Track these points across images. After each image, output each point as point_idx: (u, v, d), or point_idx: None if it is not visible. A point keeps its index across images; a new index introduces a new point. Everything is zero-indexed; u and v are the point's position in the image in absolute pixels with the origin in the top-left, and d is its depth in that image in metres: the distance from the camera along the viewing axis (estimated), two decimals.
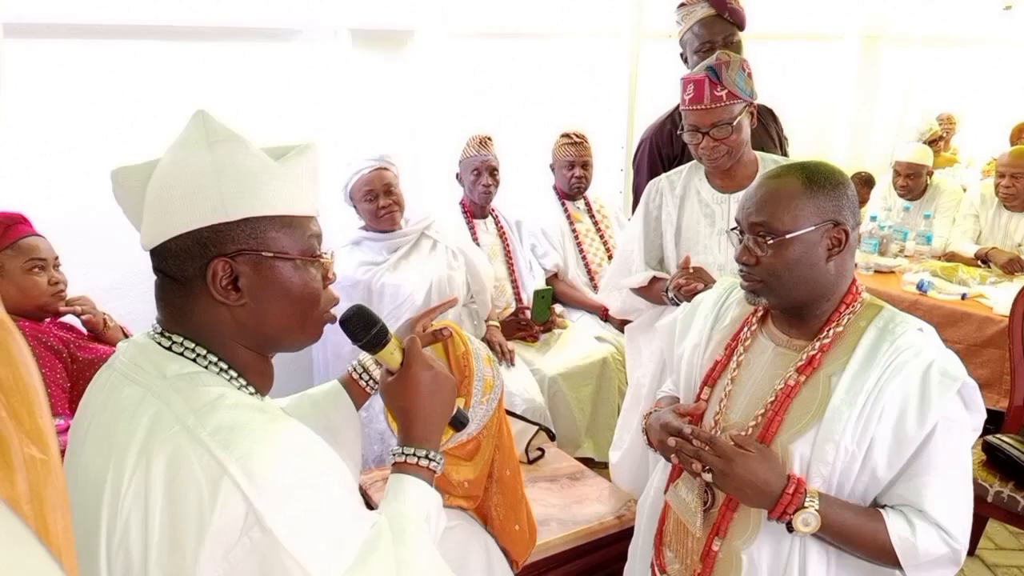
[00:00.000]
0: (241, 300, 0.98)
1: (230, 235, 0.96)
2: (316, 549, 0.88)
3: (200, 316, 0.98)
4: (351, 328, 1.14)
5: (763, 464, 1.27)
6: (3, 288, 1.91)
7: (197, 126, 0.97)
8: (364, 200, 2.74)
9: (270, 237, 0.98)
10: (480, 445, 1.48)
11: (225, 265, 0.96)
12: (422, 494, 1.08)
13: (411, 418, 1.13)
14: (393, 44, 3.15)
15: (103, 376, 1.02)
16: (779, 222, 1.31)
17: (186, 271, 0.97)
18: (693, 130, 2.09)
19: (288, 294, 1.01)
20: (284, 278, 1.00)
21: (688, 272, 2.06)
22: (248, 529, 0.85)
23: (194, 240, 0.95)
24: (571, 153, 3.41)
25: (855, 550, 1.29)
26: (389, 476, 1.10)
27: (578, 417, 3.01)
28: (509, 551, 1.54)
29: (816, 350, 1.34)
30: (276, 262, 0.99)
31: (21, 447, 0.51)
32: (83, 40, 2.45)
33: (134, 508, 0.88)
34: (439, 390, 1.14)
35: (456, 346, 1.42)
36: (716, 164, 2.12)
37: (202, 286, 0.96)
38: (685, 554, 1.46)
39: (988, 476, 2.37)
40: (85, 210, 2.42)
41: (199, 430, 0.88)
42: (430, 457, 1.11)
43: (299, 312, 1.03)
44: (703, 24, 2.55)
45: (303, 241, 1.01)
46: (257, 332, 1.01)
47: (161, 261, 0.99)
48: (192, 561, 0.85)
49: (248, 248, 0.97)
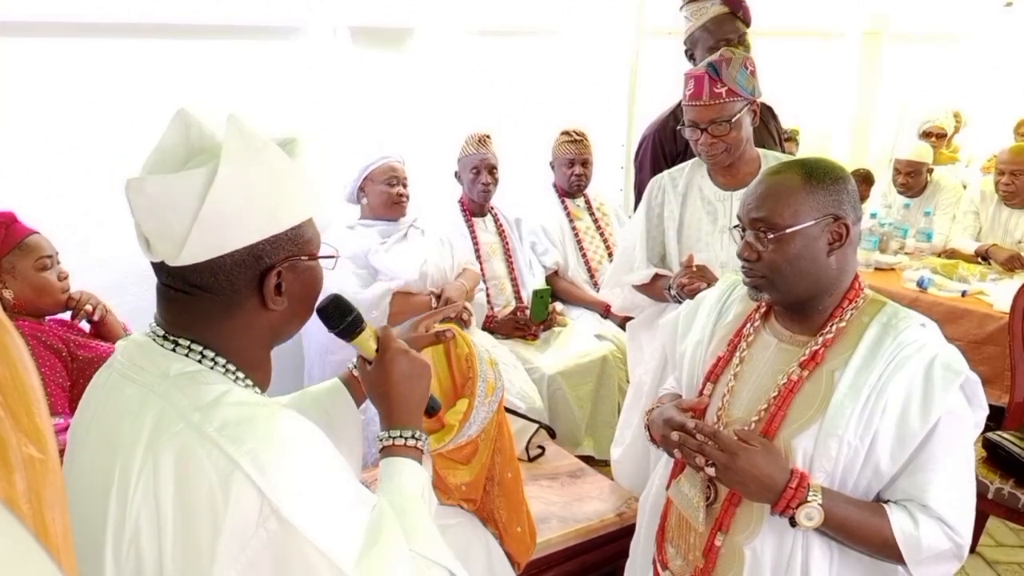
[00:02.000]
0: (282, 304, 1.00)
1: (281, 244, 0.98)
2: (333, 534, 0.90)
3: (234, 324, 0.99)
4: (327, 315, 1.17)
5: (766, 458, 1.27)
6: (17, 288, 1.92)
7: (234, 135, 0.93)
8: (384, 183, 2.78)
9: (306, 240, 1.02)
10: (478, 448, 1.48)
11: (277, 274, 0.98)
12: (413, 472, 1.11)
13: (391, 401, 1.15)
14: (393, 42, 3.15)
15: (103, 376, 1.02)
16: (779, 217, 1.32)
17: (236, 284, 0.97)
18: (692, 126, 2.09)
19: (314, 291, 1.07)
20: (315, 277, 1.06)
21: (691, 271, 2.06)
22: (264, 521, 0.86)
23: (250, 253, 0.96)
24: (571, 151, 3.41)
25: (858, 545, 1.29)
26: (380, 462, 1.12)
27: (578, 415, 3.01)
28: (511, 553, 1.54)
29: (819, 345, 1.34)
30: (310, 263, 1.04)
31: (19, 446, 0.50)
32: (81, 38, 2.45)
33: (144, 507, 0.88)
34: (415, 373, 1.17)
35: (459, 348, 1.42)
36: (715, 161, 2.12)
37: (248, 295, 0.98)
38: (687, 549, 1.46)
39: (989, 473, 2.37)
40: (84, 209, 2.42)
41: (206, 426, 0.89)
42: (416, 436, 1.13)
43: (312, 305, 1.09)
44: (716, 22, 2.53)
45: (319, 239, 1.06)
46: (282, 331, 1.05)
47: (198, 276, 0.95)
48: (209, 557, 0.85)
49: (293, 254, 1.00)
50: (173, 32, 2.60)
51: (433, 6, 3.16)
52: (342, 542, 0.90)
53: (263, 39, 2.82)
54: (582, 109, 3.66)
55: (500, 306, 3.21)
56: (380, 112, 3.08)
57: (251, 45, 2.79)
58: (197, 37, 2.65)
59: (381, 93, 3.10)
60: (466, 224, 3.22)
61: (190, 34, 2.63)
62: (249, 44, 2.78)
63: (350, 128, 3.00)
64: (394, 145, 2.87)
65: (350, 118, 3.01)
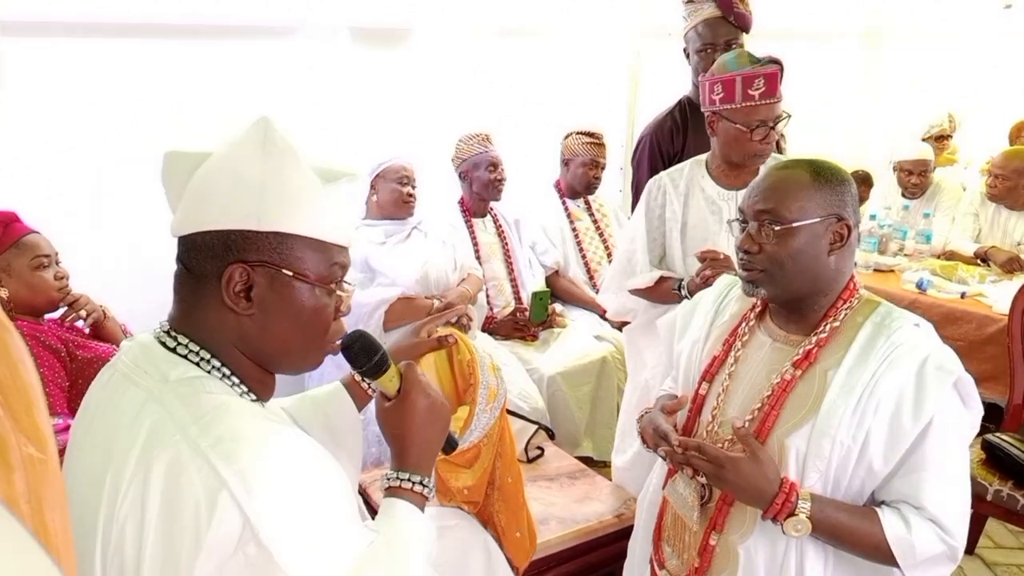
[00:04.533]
0: (250, 310, 0.97)
1: (256, 244, 0.96)
2: (310, 566, 0.88)
3: (206, 316, 0.98)
4: (353, 354, 1.12)
5: (755, 468, 1.27)
6: (12, 287, 1.93)
7: (258, 131, 0.98)
8: (397, 181, 2.81)
9: (295, 256, 0.98)
10: (480, 452, 1.48)
11: (243, 272, 0.96)
12: (414, 518, 1.08)
13: (406, 445, 1.11)
14: (392, 42, 3.14)
15: (105, 376, 1.02)
16: (786, 210, 1.32)
17: (204, 268, 0.97)
18: (762, 124, 2.04)
19: (297, 316, 1.00)
20: (296, 299, 0.99)
21: (716, 262, 2.02)
22: (244, 544, 0.85)
23: (221, 239, 0.95)
24: (593, 152, 3.42)
25: (851, 550, 1.29)
26: (382, 499, 1.10)
27: (577, 416, 3.01)
28: (511, 558, 1.54)
29: (813, 344, 1.35)
30: (294, 282, 0.98)
31: (19, 446, 0.50)
32: (81, 39, 2.45)
33: (130, 515, 0.87)
34: (435, 419, 1.13)
35: (461, 353, 1.41)
36: (762, 161, 2.11)
37: (215, 286, 0.96)
38: (683, 549, 1.46)
39: (987, 475, 2.37)
40: (84, 209, 2.41)
41: (201, 440, 0.88)
42: (423, 483, 1.10)
43: (303, 336, 1.02)
44: (707, 25, 2.53)
45: (326, 268, 1.01)
46: (258, 345, 1.01)
47: (185, 252, 0.99)
48: (186, 573, 0.84)
49: (270, 261, 0.97)
50: (173, 32, 2.60)
51: (433, 6, 3.16)
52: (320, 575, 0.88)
53: (262, 39, 2.83)
54: (582, 110, 3.66)
55: (499, 307, 3.21)
56: (380, 112, 3.08)
57: (251, 45, 2.79)
58: (197, 37, 2.65)
59: (381, 93, 3.10)
60: (466, 225, 3.22)
61: (190, 34, 2.63)
62: (249, 44, 2.79)
63: (350, 128, 3.00)
64: (403, 146, 2.89)
65: (350, 118, 3.01)
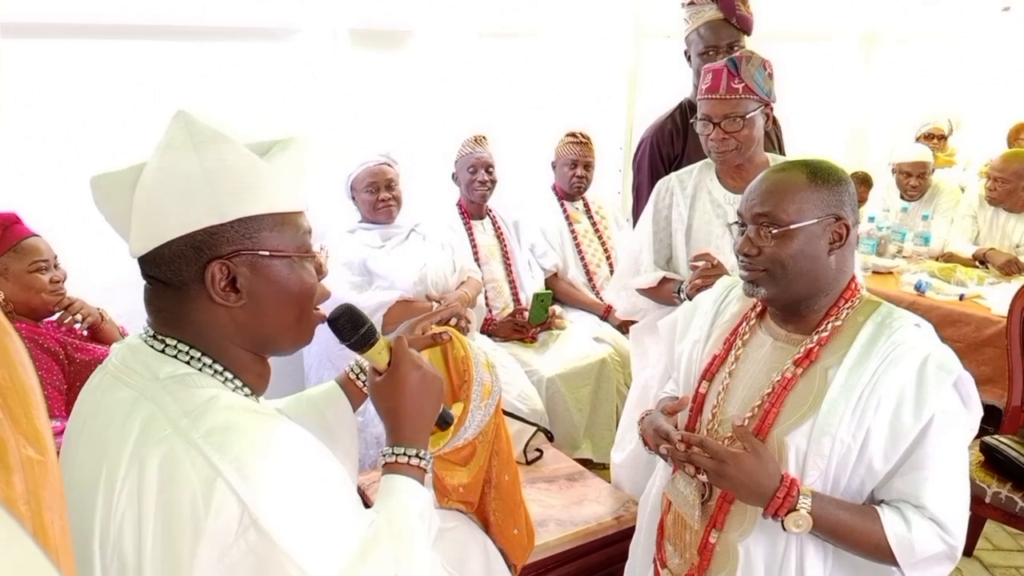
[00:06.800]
0: (240, 301, 0.97)
1: (225, 236, 0.96)
2: (313, 548, 0.88)
3: (197, 319, 0.98)
4: (339, 327, 1.13)
5: (756, 464, 1.27)
6: (8, 290, 1.93)
7: (180, 127, 0.96)
8: (365, 191, 2.80)
9: (264, 236, 0.98)
10: (475, 450, 1.48)
11: (223, 267, 0.96)
12: (414, 493, 1.08)
13: (399, 418, 1.12)
14: (392, 43, 3.15)
15: (96, 378, 1.03)
16: (784, 213, 1.32)
17: (182, 275, 0.96)
18: (705, 119, 2.07)
19: (286, 291, 1.01)
20: (282, 276, 1.00)
21: (708, 269, 2.02)
22: (244, 531, 0.85)
23: (188, 244, 0.95)
24: (574, 152, 3.41)
25: (851, 548, 1.29)
26: (381, 477, 1.10)
27: (576, 418, 3.01)
28: (507, 554, 1.54)
29: (814, 343, 1.35)
30: (273, 260, 0.99)
31: (18, 448, 0.50)
32: (82, 40, 2.45)
33: (127, 511, 0.88)
34: (427, 390, 1.14)
35: (455, 350, 1.41)
36: (724, 159, 2.09)
37: (199, 289, 0.96)
38: (684, 547, 1.47)
39: (986, 477, 2.37)
40: (82, 210, 2.40)
41: (192, 432, 0.88)
42: (420, 456, 1.11)
43: (296, 309, 1.03)
44: (710, 27, 2.53)
45: (297, 238, 1.02)
46: (256, 332, 1.01)
47: (153, 267, 0.98)
48: (188, 565, 0.85)
49: (244, 248, 0.96)
50: (173, 33, 2.60)
51: (432, 8, 3.16)
52: (322, 558, 0.89)
53: (262, 40, 2.83)
54: (581, 112, 3.66)
55: (498, 309, 3.20)
56: (379, 114, 3.08)
57: (251, 46, 2.79)
58: (197, 38, 2.65)
59: (380, 95, 3.10)
60: (464, 227, 3.22)
61: (190, 35, 2.63)
62: (249, 45, 2.79)
63: (350, 130, 3.00)
64: (382, 145, 2.85)
65: (349, 120, 3.01)
